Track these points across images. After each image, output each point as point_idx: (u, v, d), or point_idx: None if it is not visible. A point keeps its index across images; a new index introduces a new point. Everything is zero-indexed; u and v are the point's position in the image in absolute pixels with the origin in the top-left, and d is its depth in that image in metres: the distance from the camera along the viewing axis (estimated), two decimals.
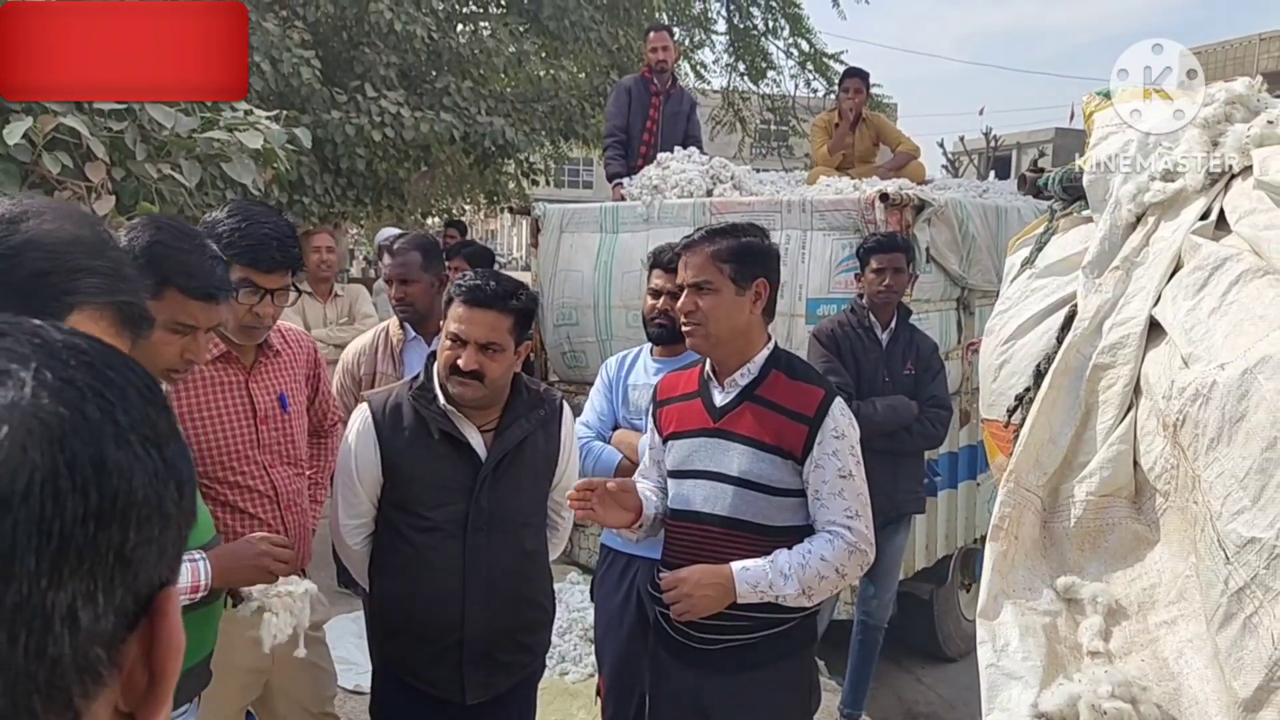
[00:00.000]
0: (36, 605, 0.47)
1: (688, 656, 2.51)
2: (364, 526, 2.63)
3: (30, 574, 0.46)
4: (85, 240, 1.39)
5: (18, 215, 1.36)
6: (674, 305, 3.04)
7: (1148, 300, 1.84)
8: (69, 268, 1.34)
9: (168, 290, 2.02)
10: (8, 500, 0.46)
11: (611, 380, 3.41)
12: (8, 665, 0.46)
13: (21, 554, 0.46)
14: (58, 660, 0.48)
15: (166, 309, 2.03)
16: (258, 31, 7.37)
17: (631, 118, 6.30)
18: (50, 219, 1.38)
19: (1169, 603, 1.62)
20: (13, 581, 0.46)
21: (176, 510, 0.54)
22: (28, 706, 0.47)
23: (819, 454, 2.39)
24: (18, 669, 0.46)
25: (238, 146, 4.01)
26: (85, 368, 0.53)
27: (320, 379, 2.95)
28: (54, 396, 0.50)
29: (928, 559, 4.77)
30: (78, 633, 0.49)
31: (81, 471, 0.49)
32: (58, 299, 1.32)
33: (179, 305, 2.03)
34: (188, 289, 2.03)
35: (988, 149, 23.27)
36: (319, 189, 8.14)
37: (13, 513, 0.46)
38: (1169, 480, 1.68)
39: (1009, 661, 1.65)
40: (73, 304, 1.33)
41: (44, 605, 0.47)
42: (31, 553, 0.46)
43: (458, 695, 2.55)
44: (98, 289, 1.36)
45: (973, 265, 4.85)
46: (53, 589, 0.47)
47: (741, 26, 14.88)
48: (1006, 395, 2.21)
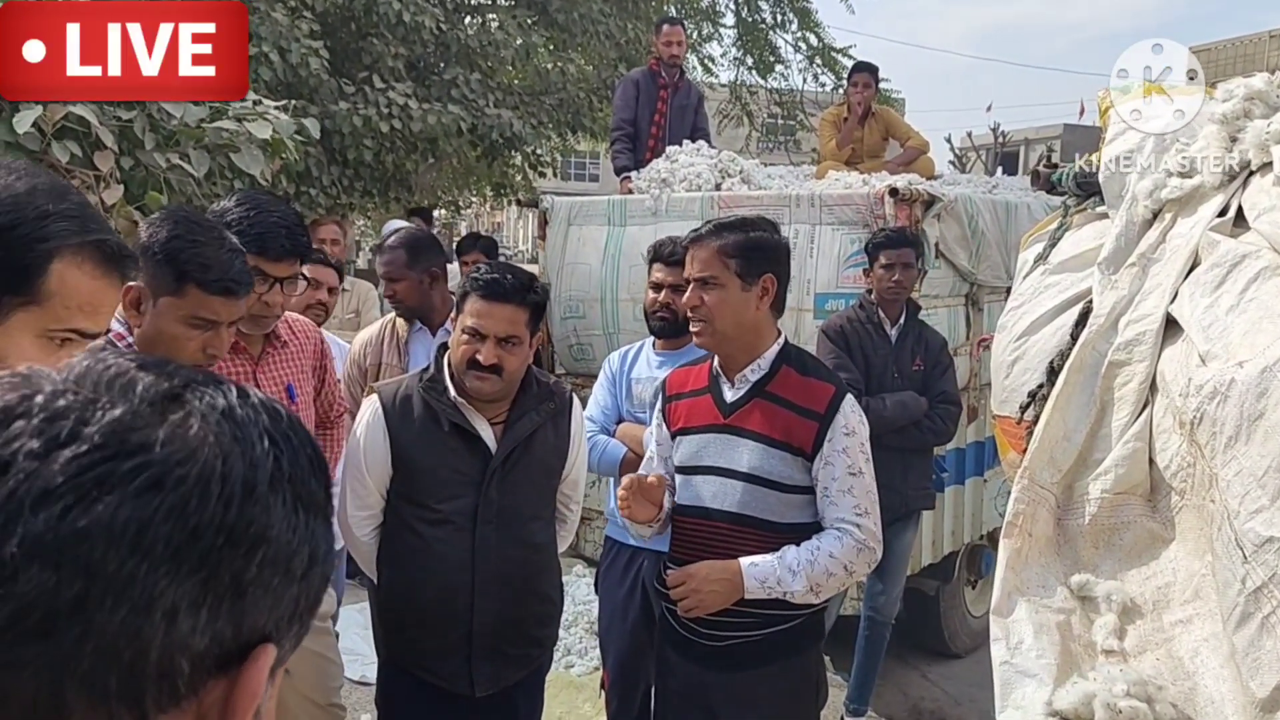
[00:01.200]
0: (147, 586, 0.49)
1: (694, 652, 2.50)
2: (372, 518, 2.62)
3: (155, 555, 0.49)
4: (43, 187, 1.37)
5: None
6: (676, 299, 3.03)
7: (1164, 297, 1.83)
8: (34, 216, 1.32)
9: (187, 286, 2.02)
10: (160, 482, 0.49)
11: (614, 374, 3.40)
12: (102, 630, 0.48)
13: (154, 533, 0.49)
14: (144, 649, 0.49)
15: (186, 304, 2.03)
16: (266, 21, 7.36)
17: (639, 111, 6.28)
18: (3, 175, 1.37)
19: (1184, 601, 1.61)
20: (137, 555, 0.48)
21: (301, 576, 0.57)
22: (103, 682, 0.48)
23: (829, 451, 2.38)
24: (108, 637, 0.48)
25: (246, 136, 4.01)
26: (272, 418, 0.58)
27: (327, 370, 2.94)
28: (236, 425, 0.55)
29: (934, 555, 4.76)
30: (172, 632, 0.50)
31: (232, 486, 0.52)
32: (31, 249, 1.30)
33: (198, 300, 2.03)
34: (206, 284, 2.03)
35: (995, 145, 23.24)
36: (326, 180, 8.14)
37: (161, 494, 0.49)
38: (1185, 478, 1.67)
39: (1023, 659, 1.64)
40: (50, 251, 1.31)
41: (153, 589, 0.49)
42: (162, 537, 0.49)
43: (466, 688, 2.55)
44: (69, 231, 1.34)
45: (982, 261, 4.83)
46: (167, 578, 0.49)
47: (750, 20, 14.85)
48: (1019, 392, 2.20)
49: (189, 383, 0.56)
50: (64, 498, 0.47)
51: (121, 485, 0.48)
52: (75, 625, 0.47)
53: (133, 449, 0.50)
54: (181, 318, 2.04)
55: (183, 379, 0.56)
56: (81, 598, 0.47)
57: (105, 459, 0.49)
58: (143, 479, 0.49)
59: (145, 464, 0.49)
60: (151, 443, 0.50)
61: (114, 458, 0.49)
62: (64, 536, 0.47)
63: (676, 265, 3.00)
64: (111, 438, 0.50)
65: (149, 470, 0.49)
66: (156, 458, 0.50)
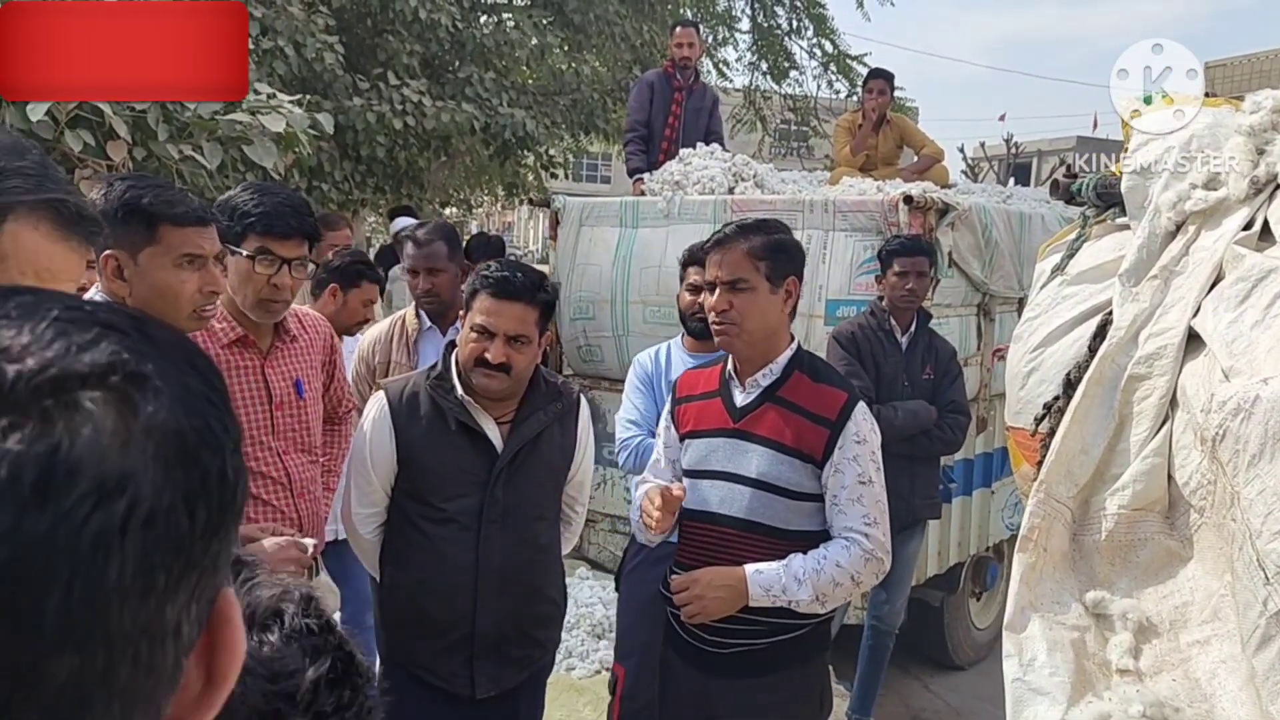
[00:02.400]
0: (159, 623, 0.46)
1: (698, 659, 2.47)
2: (376, 515, 2.60)
3: (160, 591, 0.46)
4: (3, 145, 1.35)
5: None
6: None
7: (1187, 311, 1.80)
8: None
9: (160, 227, 2.03)
10: (154, 518, 0.45)
11: (650, 375, 3.39)
12: (128, 686, 0.45)
13: (157, 571, 0.46)
14: (161, 674, 0.47)
15: (167, 245, 2.04)
16: (282, 16, 7.37)
17: (653, 113, 6.26)
18: None
19: (1202, 622, 1.58)
20: (148, 599, 0.45)
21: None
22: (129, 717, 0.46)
23: (839, 458, 2.35)
24: (134, 687, 0.46)
25: (259, 129, 4.01)
26: (193, 370, 0.52)
27: (336, 365, 2.92)
28: (184, 406, 0.49)
29: (939, 566, 4.72)
30: (179, 644, 0.48)
31: (210, 486, 0.49)
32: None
33: (179, 236, 2.04)
34: (178, 218, 2.04)
35: (1008, 155, 23.18)
36: (338, 175, 8.15)
37: (155, 529, 0.45)
38: (1205, 496, 1.64)
39: (1036, 676, 1.61)
40: (3, 207, 1.28)
41: (164, 621, 0.46)
42: (164, 571, 0.46)
43: (467, 689, 2.52)
44: (23, 189, 1.31)
45: (995, 271, 4.80)
46: (169, 604, 0.47)
47: (765, 25, 14.84)
48: (1034, 403, 2.17)
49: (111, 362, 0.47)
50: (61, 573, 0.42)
51: (118, 537, 0.44)
52: (105, 691, 0.45)
53: (113, 488, 0.44)
54: (169, 262, 2.04)
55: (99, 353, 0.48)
56: (108, 667, 0.44)
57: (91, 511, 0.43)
58: (135, 521, 0.44)
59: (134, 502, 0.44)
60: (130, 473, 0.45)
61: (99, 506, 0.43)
62: (77, 617, 0.43)
63: None
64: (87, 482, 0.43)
65: (139, 508, 0.44)
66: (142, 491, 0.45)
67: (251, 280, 2.47)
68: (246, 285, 2.48)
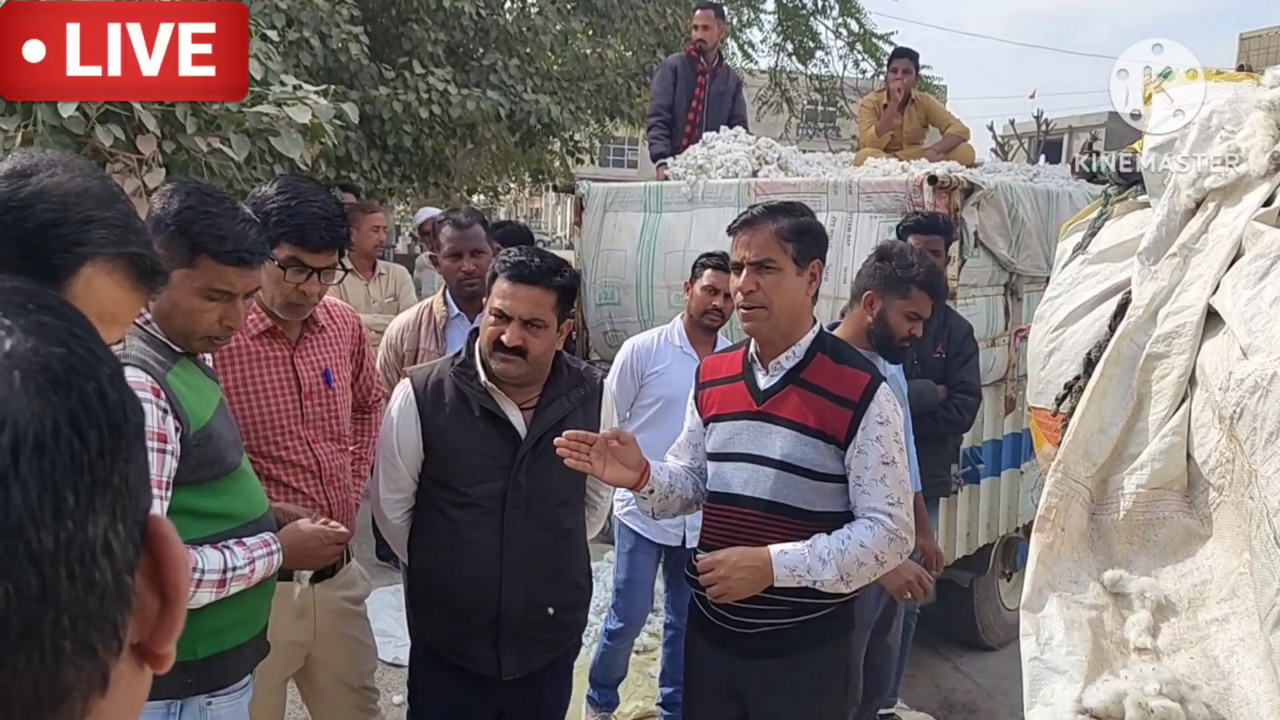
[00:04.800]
0: (81, 539, 0.48)
1: (723, 639, 2.50)
2: (404, 501, 2.65)
3: (73, 510, 0.48)
4: (94, 192, 1.38)
5: (28, 168, 1.37)
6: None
7: (1205, 288, 1.79)
8: (78, 219, 1.34)
9: (200, 257, 2.01)
10: (42, 443, 0.47)
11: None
12: (71, 603, 0.47)
13: (64, 492, 0.48)
14: (104, 590, 0.49)
15: (200, 276, 2.02)
16: (308, 7, 7.42)
17: (677, 97, 6.24)
18: (60, 172, 1.38)
19: (1220, 600, 1.58)
20: (63, 519, 0.47)
21: (142, 437, 0.56)
22: (87, 640, 0.49)
23: (862, 439, 2.36)
24: (79, 603, 0.48)
25: (286, 121, 4.04)
26: (46, 310, 0.54)
27: (365, 355, 2.95)
28: (40, 338, 0.51)
29: (968, 547, 4.71)
30: (114, 560, 0.50)
31: (92, 407, 0.50)
32: (68, 250, 1.32)
33: (213, 272, 2.02)
34: (220, 254, 2.02)
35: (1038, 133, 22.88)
36: (366, 165, 8.20)
37: (49, 454, 0.47)
38: (1224, 474, 1.64)
39: (1053, 655, 1.62)
40: (84, 255, 1.33)
41: (87, 538, 0.48)
42: (70, 490, 0.48)
43: (494, 671, 2.57)
44: (108, 240, 1.35)
45: (1021, 250, 4.76)
46: (90, 522, 0.49)
47: (790, 6, 14.74)
48: (1055, 383, 2.17)
49: None
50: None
51: (11, 466, 0.46)
52: (49, 613, 0.47)
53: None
54: (196, 290, 2.03)
55: None
56: (42, 587, 0.46)
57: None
58: (27, 449, 0.46)
59: (18, 432, 0.46)
60: (4, 404, 0.47)
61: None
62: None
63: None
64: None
65: (27, 437, 0.46)
66: (23, 419, 0.46)
67: (280, 285, 2.49)
68: (275, 288, 2.50)
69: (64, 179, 1.37)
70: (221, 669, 2.09)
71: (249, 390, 2.52)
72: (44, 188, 1.35)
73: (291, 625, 2.52)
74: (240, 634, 2.12)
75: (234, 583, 2.00)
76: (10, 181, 1.35)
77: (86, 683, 0.49)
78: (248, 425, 2.47)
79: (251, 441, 2.47)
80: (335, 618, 2.68)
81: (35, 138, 3.39)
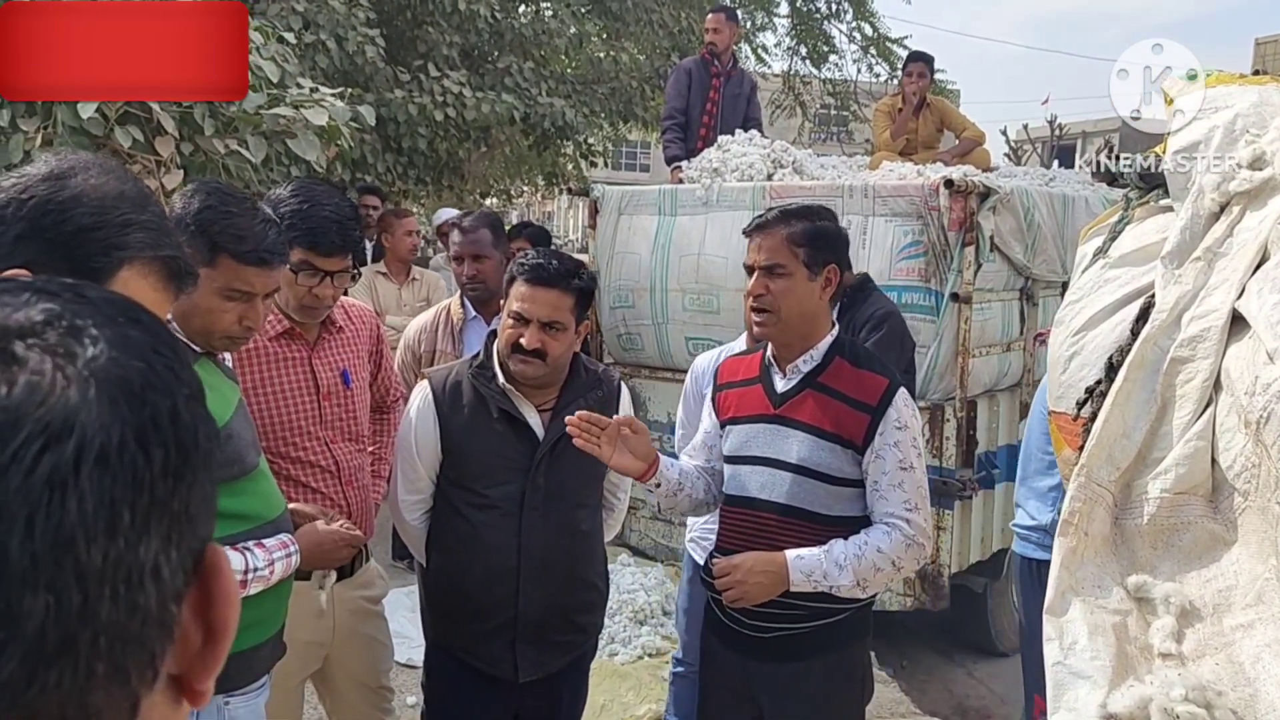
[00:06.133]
0: (131, 560, 0.47)
1: (739, 643, 2.49)
2: (423, 502, 2.65)
3: (127, 528, 0.47)
4: (130, 195, 1.39)
5: (65, 171, 1.37)
6: None
7: (1231, 292, 1.78)
8: (117, 222, 1.34)
9: (220, 257, 2.02)
10: (106, 456, 0.47)
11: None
12: (111, 623, 0.47)
13: (120, 509, 0.47)
14: (146, 616, 0.49)
15: (220, 275, 2.02)
16: (324, 10, 7.46)
17: (691, 100, 6.25)
18: (96, 174, 1.38)
19: (1246, 605, 1.57)
20: (115, 537, 0.47)
21: (215, 466, 0.55)
22: (122, 665, 0.48)
23: (880, 444, 2.35)
24: (118, 626, 0.47)
25: (303, 123, 4.06)
26: (134, 324, 0.53)
27: (383, 355, 2.96)
28: (125, 353, 0.50)
29: (983, 552, 4.69)
30: (161, 587, 0.49)
31: (163, 426, 0.50)
32: (107, 253, 1.33)
33: (233, 271, 2.03)
34: (240, 254, 2.02)
35: (1051, 137, 22.85)
36: (381, 167, 8.23)
37: (112, 468, 0.47)
38: (1249, 479, 1.62)
39: (1077, 660, 1.61)
40: (123, 259, 1.34)
41: (137, 559, 0.48)
42: (128, 507, 0.47)
43: (510, 673, 2.57)
44: (145, 243, 1.36)
45: (1037, 255, 4.75)
46: (143, 544, 0.48)
47: (804, 9, 14.74)
48: (1076, 388, 2.15)
49: (47, 318, 0.49)
50: (20, 513, 0.44)
51: (72, 475, 0.45)
52: (87, 630, 0.46)
53: (60, 429, 0.46)
54: (216, 290, 2.03)
55: (34, 311, 0.50)
56: (84, 603, 0.45)
57: (40, 451, 0.45)
58: (89, 460, 0.46)
59: (84, 442, 0.46)
60: (75, 414, 0.46)
61: (48, 448, 0.45)
62: (42, 554, 0.44)
63: None
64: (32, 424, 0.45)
65: (91, 447, 0.46)
66: (90, 430, 0.46)
67: (293, 288, 2.50)
68: (289, 291, 2.51)
69: (100, 182, 1.38)
70: (238, 669, 2.09)
71: (267, 391, 2.52)
72: (82, 191, 1.36)
73: (310, 625, 2.52)
74: (257, 634, 2.12)
75: (253, 584, 2.00)
76: (49, 184, 1.36)
77: (114, 710, 0.48)
78: (266, 426, 2.48)
79: (270, 442, 2.48)
80: (353, 617, 2.68)
81: (55, 139, 3.41)
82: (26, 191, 1.33)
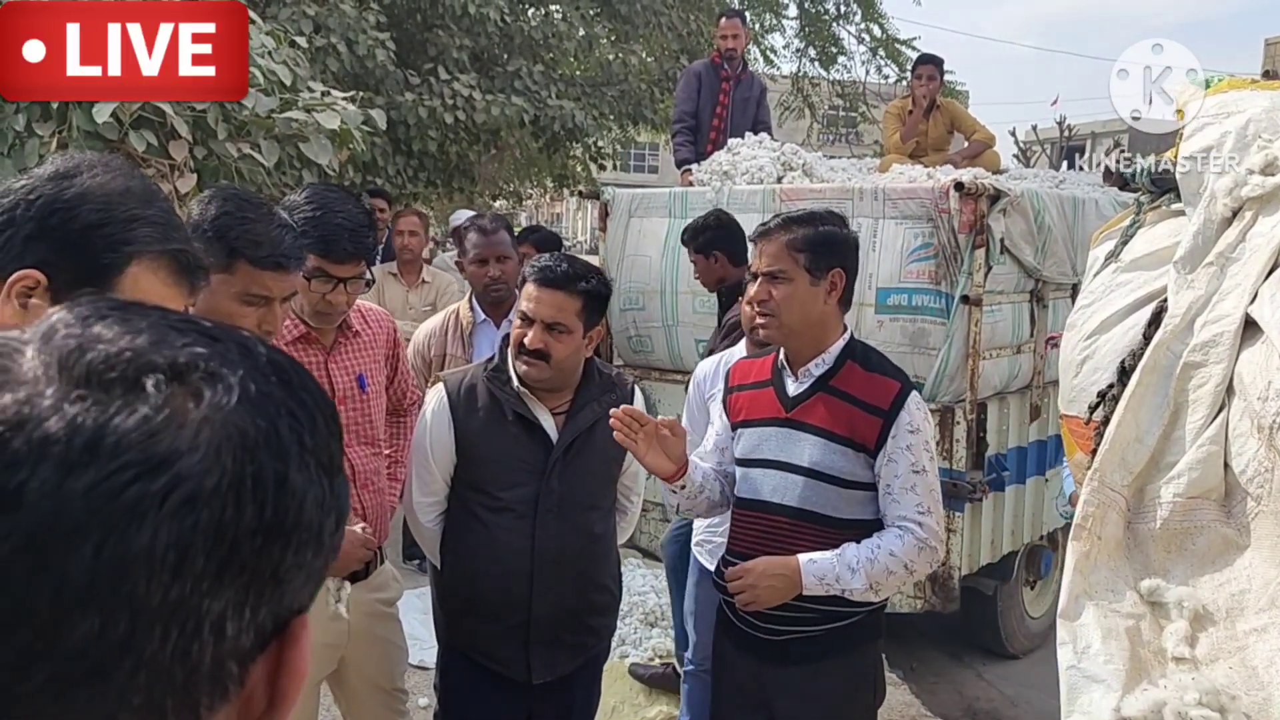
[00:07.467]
0: (194, 607, 0.47)
1: (751, 646, 2.50)
2: (437, 505, 2.67)
3: (197, 574, 0.47)
4: (136, 191, 1.40)
5: (71, 170, 1.38)
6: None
7: (1243, 297, 1.78)
8: (123, 218, 1.35)
9: (237, 262, 2.03)
10: (194, 498, 0.47)
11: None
12: (154, 661, 0.46)
13: (195, 553, 0.47)
14: (197, 667, 0.48)
15: (238, 281, 2.03)
16: (334, 13, 7.48)
17: (701, 103, 6.26)
18: (102, 172, 1.39)
19: (1259, 610, 1.57)
20: (181, 579, 0.46)
21: (330, 541, 0.55)
22: (160, 706, 0.47)
23: (892, 448, 2.36)
24: (162, 667, 0.47)
25: (315, 127, 4.08)
26: (283, 385, 0.54)
27: (399, 359, 2.97)
28: (254, 409, 0.51)
29: (992, 555, 4.69)
30: (221, 643, 0.49)
31: (264, 485, 0.50)
32: (115, 249, 1.34)
33: (250, 276, 2.04)
34: (256, 259, 2.03)
35: (1061, 138, 22.79)
36: (391, 170, 8.25)
37: (196, 511, 0.47)
38: (1262, 484, 1.63)
39: (1090, 664, 1.61)
40: (131, 254, 1.35)
41: (200, 608, 0.47)
42: (203, 554, 0.47)
43: (523, 674, 2.58)
44: (152, 238, 1.37)
45: (1048, 257, 4.74)
46: (211, 594, 0.48)
47: (813, 11, 14.73)
48: (1088, 391, 2.16)
49: (192, 361, 0.51)
50: (93, 533, 0.44)
51: (154, 508, 0.45)
52: (126, 662, 0.46)
53: (158, 463, 0.46)
54: (234, 295, 2.04)
55: (183, 353, 0.51)
56: (129, 635, 0.45)
57: (132, 480, 0.45)
58: (176, 498, 0.46)
59: (176, 479, 0.46)
60: (177, 452, 0.47)
61: (140, 478, 0.46)
62: (102, 578, 0.44)
63: None
64: (134, 453, 0.46)
65: (181, 487, 0.46)
66: (186, 470, 0.47)
67: (307, 295, 2.51)
68: (303, 297, 2.52)
69: (105, 179, 1.39)
70: None
71: None
72: (88, 188, 1.37)
73: (325, 627, 2.54)
74: None
75: None
76: (55, 183, 1.37)
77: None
78: None
79: None
80: (368, 620, 2.69)
81: (70, 143, 3.43)
82: (34, 192, 1.34)
